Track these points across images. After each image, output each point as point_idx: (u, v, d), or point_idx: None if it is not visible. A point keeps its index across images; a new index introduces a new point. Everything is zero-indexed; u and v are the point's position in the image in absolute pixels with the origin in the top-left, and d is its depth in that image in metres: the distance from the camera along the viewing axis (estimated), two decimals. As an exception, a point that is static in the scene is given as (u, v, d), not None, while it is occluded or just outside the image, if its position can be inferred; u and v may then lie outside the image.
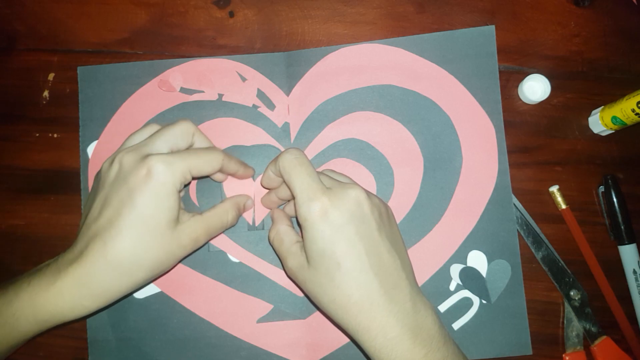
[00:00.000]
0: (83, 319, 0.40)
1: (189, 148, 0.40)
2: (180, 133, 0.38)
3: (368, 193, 0.36)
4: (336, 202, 0.34)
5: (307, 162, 0.36)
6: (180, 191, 0.37)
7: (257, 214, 0.45)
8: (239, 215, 0.42)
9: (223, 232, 0.42)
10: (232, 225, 0.42)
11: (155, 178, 0.35)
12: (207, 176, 0.42)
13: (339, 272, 0.34)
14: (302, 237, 0.36)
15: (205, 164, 0.38)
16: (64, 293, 0.34)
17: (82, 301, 0.34)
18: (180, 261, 0.38)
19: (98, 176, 0.39)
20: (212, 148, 0.40)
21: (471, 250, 0.45)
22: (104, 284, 0.35)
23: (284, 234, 0.39)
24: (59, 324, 0.35)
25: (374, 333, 0.33)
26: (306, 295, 0.37)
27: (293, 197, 0.36)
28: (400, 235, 0.38)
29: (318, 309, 0.38)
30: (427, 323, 0.34)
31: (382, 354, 0.33)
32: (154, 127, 0.40)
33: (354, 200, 0.35)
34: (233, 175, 0.43)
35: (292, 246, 0.38)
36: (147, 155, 0.36)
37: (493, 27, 0.47)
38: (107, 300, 0.35)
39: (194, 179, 0.39)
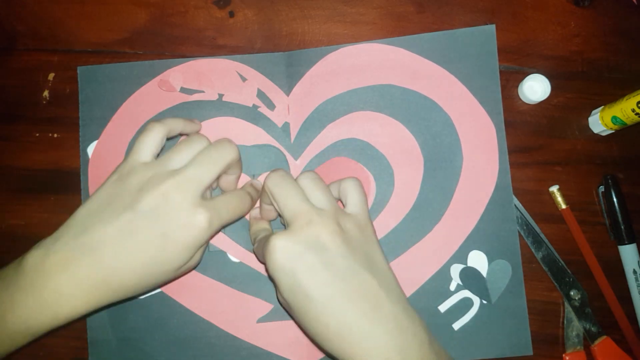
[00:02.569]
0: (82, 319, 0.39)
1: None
2: (228, 163, 0.38)
3: (327, 221, 0.34)
4: (291, 236, 0.34)
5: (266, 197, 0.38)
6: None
7: None
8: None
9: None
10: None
11: (194, 234, 0.35)
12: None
13: (311, 304, 0.32)
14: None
15: (239, 214, 0.39)
16: (57, 310, 0.33)
17: (74, 313, 0.34)
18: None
19: (131, 184, 0.36)
20: (243, 193, 0.40)
21: (471, 250, 0.45)
22: (97, 301, 0.34)
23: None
24: (59, 323, 0.34)
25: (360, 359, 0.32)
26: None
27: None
28: (379, 251, 0.36)
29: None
30: (415, 341, 0.33)
31: None
32: (202, 142, 0.38)
33: (311, 233, 0.34)
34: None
35: None
36: (196, 204, 0.35)
37: (493, 26, 0.47)
38: (110, 299, 0.35)
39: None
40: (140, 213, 0.34)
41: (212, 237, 0.37)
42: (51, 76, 0.47)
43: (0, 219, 0.46)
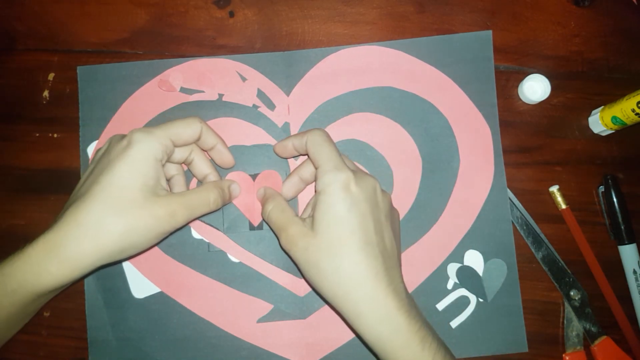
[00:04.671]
0: (54, 294, 0.38)
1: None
2: (184, 126, 0.39)
3: (380, 184, 0.39)
4: (358, 180, 0.36)
5: (334, 142, 0.39)
6: (162, 162, 0.38)
7: (257, 214, 0.45)
8: (223, 198, 0.41)
9: (206, 214, 0.40)
10: (215, 208, 0.40)
11: (134, 146, 0.36)
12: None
13: (351, 240, 0.35)
14: (315, 204, 0.37)
15: (182, 130, 0.39)
16: (31, 258, 0.34)
17: (48, 267, 0.34)
18: (160, 239, 0.37)
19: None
20: (189, 117, 0.41)
21: (468, 249, 0.45)
22: (70, 248, 0.34)
23: (285, 205, 0.40)
24: (30, 296, 0.34)
25: (376, 304, 0.34)
26: (299, 269, 0.37)
27: (315, 168, 0.38)
28: (399, 235, 0.40)
29: (308, 282, 0.37)
30: (414, 302, 0.37)
31: (383, 324, 0.34)
32: None
33: (372, 185, 0.37)
34: (212, 153, 0.42)
35: (293, 217, 0.38)
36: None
37: (490, 32, 0.47)
38: (73, 267, 0.34)
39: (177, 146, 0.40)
40: (95, 162, 0.38)
41: (165, 152, 0.38)
42: (51, 76, 0.47)
43: (1, 219, 0.46)
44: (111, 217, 0.34)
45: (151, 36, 0.47)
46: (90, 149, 0.46)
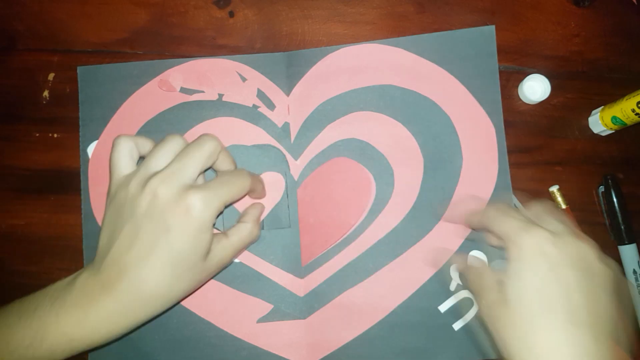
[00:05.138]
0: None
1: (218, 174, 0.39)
2: (209, 155, 0.37)
3: (600, 252, 0.32)
4: (557, 241, 0.32)
5: (515, 210, 0.35)
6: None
7: None
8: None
9: None
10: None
11: (194, 216, 0.34)
12: None
13: (547, 316, 0.30)
14: (507, 273, 0.33)
15: (238, 192, 0.38)
16: (100, 328, 0.34)
17: (116, 331, 0.35)
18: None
19: (122, 197, 0.36)
20: (239, 172, 0.39)
21: (471, 250, 0.45)
22: (137, 316, 0.35)
23: (484, 268, 0.37)
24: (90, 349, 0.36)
25: None
26: (490, 339, 0.33)
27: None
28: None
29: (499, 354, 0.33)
30: None
31: None
32: (178, 142, 0.37)
33: (579, 248, 0.32)
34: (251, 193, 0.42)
35: (492, 282, 0.35)
36: (185, 189, 0.34)
37: (493, 27, 0.47)
38: (136, 326, 0.36)
39: None
40: (140, 215, 0.34)
41: (217, 215, 0.36)
42: (51, 76, 0.47)
43: (0, 219, 0.46)
44: (175, 288, 0.35)
45: (151, 36, 0.47)
46: (90, 149, 0.46)
